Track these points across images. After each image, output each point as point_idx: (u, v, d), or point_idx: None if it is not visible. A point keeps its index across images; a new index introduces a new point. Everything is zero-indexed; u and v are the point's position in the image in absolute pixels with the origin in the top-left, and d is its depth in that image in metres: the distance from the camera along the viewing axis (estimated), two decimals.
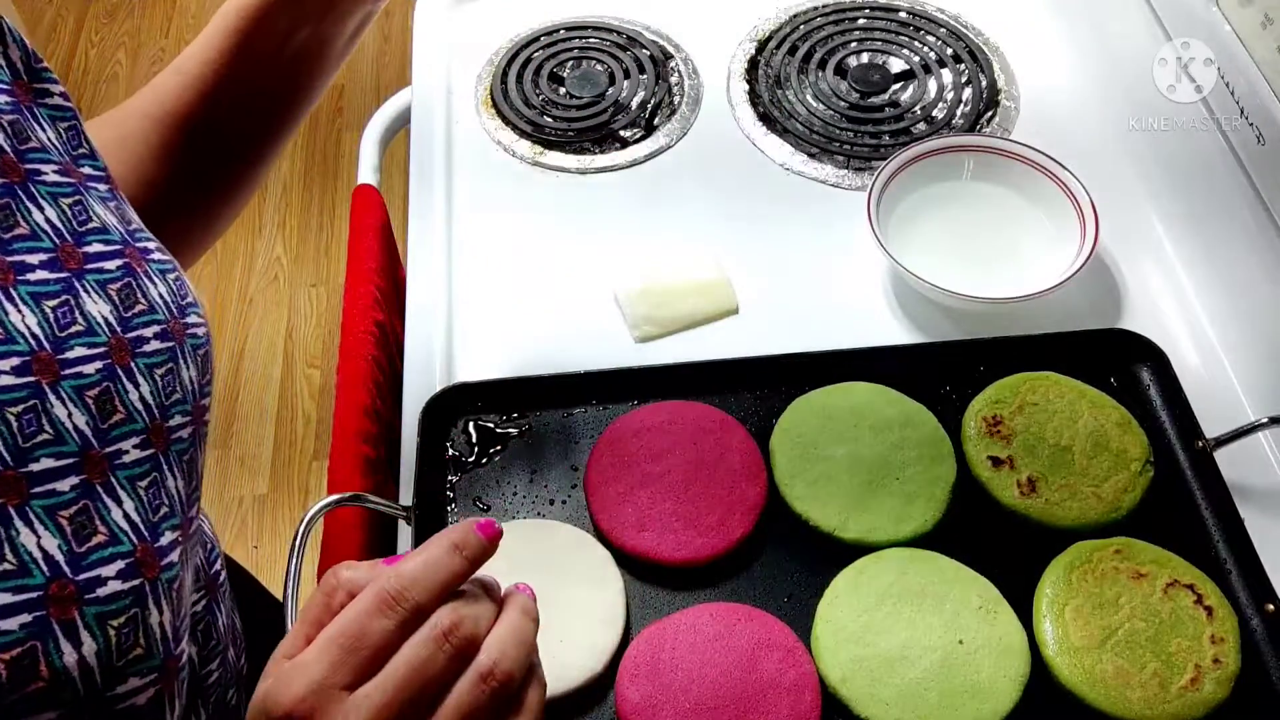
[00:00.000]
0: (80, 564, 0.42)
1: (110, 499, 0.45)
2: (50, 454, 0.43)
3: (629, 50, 1.14)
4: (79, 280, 0.49)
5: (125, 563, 0.44)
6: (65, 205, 0.50)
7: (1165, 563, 0.74)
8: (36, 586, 0.41)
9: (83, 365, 0.46)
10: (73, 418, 0.45)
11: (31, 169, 0.50)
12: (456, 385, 0.85)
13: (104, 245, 0.51)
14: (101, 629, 0.42)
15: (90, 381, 0.46)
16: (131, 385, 0.48)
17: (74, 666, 0.41)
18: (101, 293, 0.49)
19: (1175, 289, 0.94)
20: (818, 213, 1.01)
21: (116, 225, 0.53)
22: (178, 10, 2.71)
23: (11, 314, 0.45)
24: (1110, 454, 0.79)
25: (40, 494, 0.42)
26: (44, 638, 0.40)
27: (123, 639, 0.43)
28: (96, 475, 0.45)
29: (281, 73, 0.71)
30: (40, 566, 0.41)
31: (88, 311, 0.48)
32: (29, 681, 0.39)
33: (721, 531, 0.76)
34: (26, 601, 0.40)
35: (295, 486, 1.94)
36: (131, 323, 0.50)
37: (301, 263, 2.23)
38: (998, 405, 0.82)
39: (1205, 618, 0.71)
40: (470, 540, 0.47)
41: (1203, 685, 0.69)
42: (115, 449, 0.46)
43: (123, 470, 0.46)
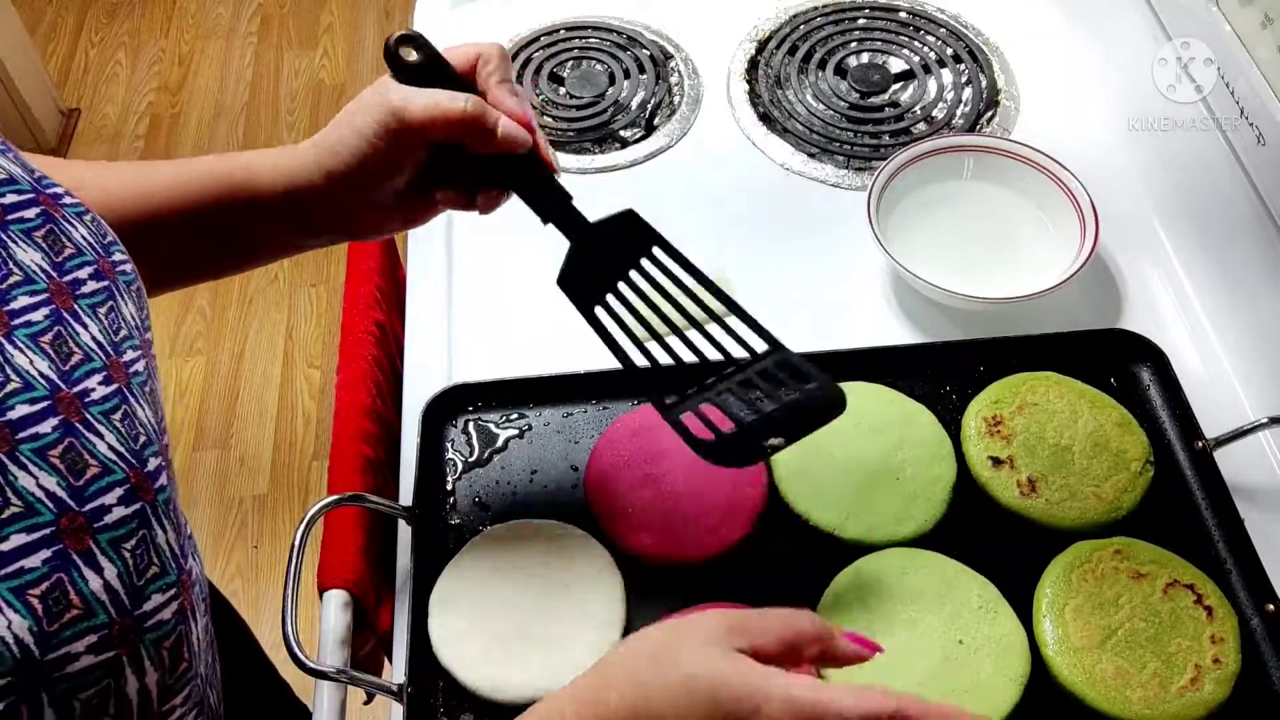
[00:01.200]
0: (83, 496, 0.44)
1: (92, 434, 0.46)
2: (23, 400, 0.44)
3: (629, 50, 1.14)
4: (4, 231, 0.49)
5: (123, 489, 0.46)
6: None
7: (1165, 563, 0.74)
8: (47, 523, 0.42)
9: (30, 313, 0.47)
10: (34, 364, 0.46)
11: None
12: (456, 385, 0.85)
13: (17, 195, 0.51)
14: (117, 553, 0.44)
15: (41, 328, 0.47)
16: (80, 327, 0.49)
17: (101, 590, 0.43)
18: (28, 240, 0.50)
19: (1175, 289, 0.94)
20: (818, 213, 1.01)
21: (23, 175, 0.53)
22: (178, 10, 2.71)
23: None
24: (1110, 454, 0.79)
25: (25, 438, 0.43)
26: (67, 569, 0.42)
27: (138, 560, 0.45)
28: (73, 414, 0.46)
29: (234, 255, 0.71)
30: (46, 504, 0.43)
31: (20, 261, 0.48)
32: (64, 611, 0.41)
33: (721, 531, 0.76)
34: (42, 538, 0.42)
35: (295, 486, 1.94)
36: (65, 266, 0.51)
37: (301, 263, 2.23)
38: (998, 405, 0.82)
39: (1205, 618, 0.71)
40: None
41: (1203, 685, 0.69)
42: (82, 388, 0.47)
43: (95, 406, 0.47)
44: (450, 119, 0.62)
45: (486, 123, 0.62)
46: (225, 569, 1.84)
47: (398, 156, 0.64)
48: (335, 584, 0.76)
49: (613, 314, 0.65)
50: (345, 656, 0.74)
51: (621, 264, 0.66)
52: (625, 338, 0.64)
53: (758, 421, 0.62)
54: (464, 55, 0.65)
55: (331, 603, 0.76)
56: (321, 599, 0.77)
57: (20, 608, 0.40)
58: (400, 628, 0.76)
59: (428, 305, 0.95)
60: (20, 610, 0.40)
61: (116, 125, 2.47)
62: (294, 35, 2.65)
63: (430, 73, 0.63)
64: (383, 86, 0.64)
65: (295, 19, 2.68)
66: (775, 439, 0.62)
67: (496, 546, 0.76)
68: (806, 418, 0.62)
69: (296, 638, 0.68)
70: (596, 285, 0.65)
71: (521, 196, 0.66)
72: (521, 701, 0.70)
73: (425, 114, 0.62)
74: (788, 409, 0.62)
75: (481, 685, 0.71)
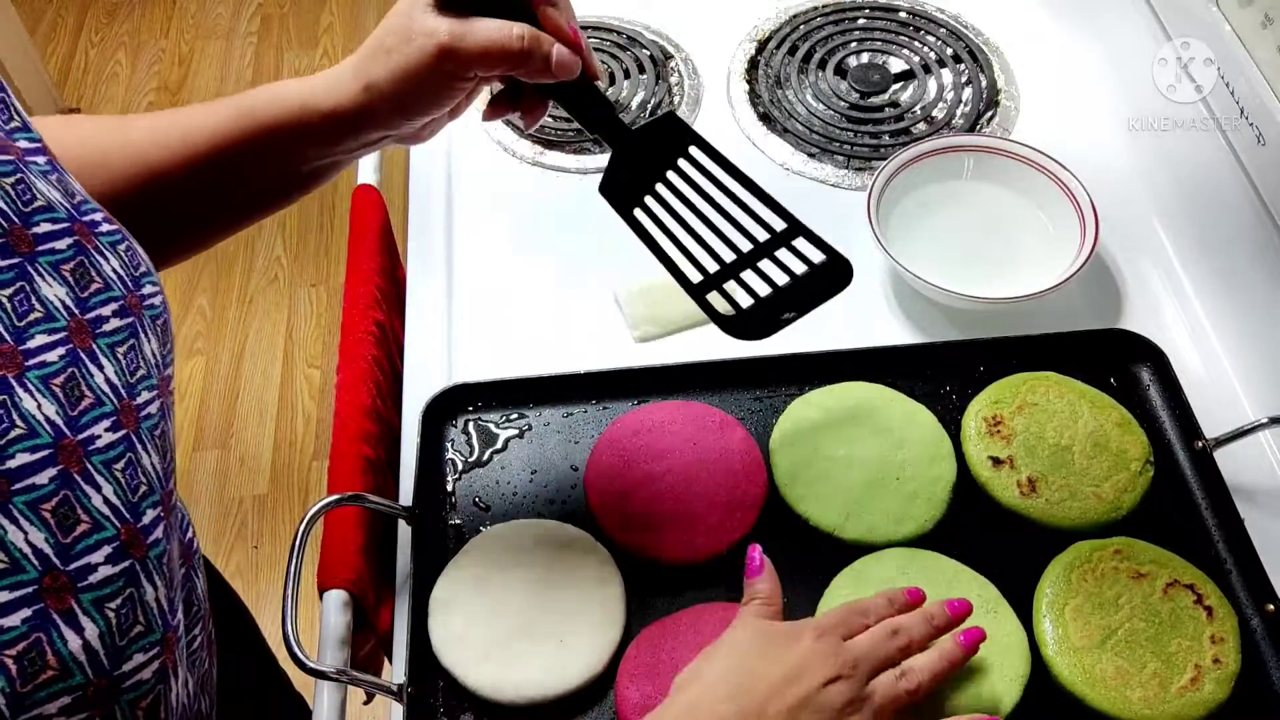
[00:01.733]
0: (69, 554, 0.43)
1: (89, 486, 0.45)
2: (25, 448, 0.43)
3: (629, 50, 1.14)
4: (31, 264, 0.47)
5: (112, 547, 0.44)
6: (7, 185, 0.49)
7: (1165, 563, 0.74)
8: (31, 581, 0.41)
9: (45, 353, 0.46)
10: (42, 409, 0.44)
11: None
12: (456, 385, 0.85)
13: (52, 224, 0.49)
14: (100, 612, 0.43)
15: (55, 369, 0.46)
16: (95, 368, 0.48)
17: (79, 651, 0.42)
18: (55, 274, 0.48)
19: (1175, 289, 0.94)
20: (818, 213, 1.01)
21: (61, 201, 0.51)
22: (178, 10, 2.71)
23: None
24: (1110, 454, 0.79)
25: (20, 489, 0.42)
26: (46, 628, 0.41)
27: (121, 619, 0.44)
28: (73, 464, 0.45)
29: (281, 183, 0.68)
30: (31, 561, 0.41)
31: (44, 296, 0.47)
32: (39, 672, 0.40)
33: (721, 531, 0.76)
34: (23, 597, 0.41)
35: (295, 486, 1.94)
36: (89, 303, 0.49)
37: (301, 263, 2.23)
38: (998, 405, 0.82)
39: (1205, 617, 0.71)
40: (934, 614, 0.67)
41: (1203, 685, 0.69)
42: (87, 435, 0.46)
43: (98, 455, 0.46)
44: (507, 54, 0.59)
45: (540, 54, 0.60)
46: (225, 569, 1.84)
47: (449, 86, 0.61)
48: (335, 584, 0.76)
49: (650, 213, 0.68)
50: (345, 656, 0.74)
51: (660, 166, 0.68)
52: (661, 234, 0.67)
53: (772, 295, 0.68)
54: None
55: (331, 603, 0.76)
56: (321, 599, 0.77)
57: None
58: (400, 628, 0.76)
59: (428, 305, 0.95)
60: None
61: None
62: (294, 35, 2.65)
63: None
64: (423, 17, 0.59)
65: (295, 19, 2.68)
66: (789, 312, 0.68)
67: (496, 546, 0.76)
68: (816, 290, 0.69)
69: (296, 638, 0.68)
70: (636, 189, 0.67)
71: (565, 106, 0.66)
72: (521, 702, 0.70)
73: (479, 50, 0.59)
74: (799, 282, 0.68)
75: (481, 685, 0.71)
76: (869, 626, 0.65)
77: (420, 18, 0.59)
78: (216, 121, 0.64)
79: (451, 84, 0.61)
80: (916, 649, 0.65)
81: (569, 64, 0.61)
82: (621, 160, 0.67)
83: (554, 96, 0.65)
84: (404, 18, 0.60)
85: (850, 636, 0.64)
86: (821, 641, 0.62)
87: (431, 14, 0.59)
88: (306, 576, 0.71)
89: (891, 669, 0.63)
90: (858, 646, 0.63)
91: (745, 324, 0.68)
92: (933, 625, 0.66)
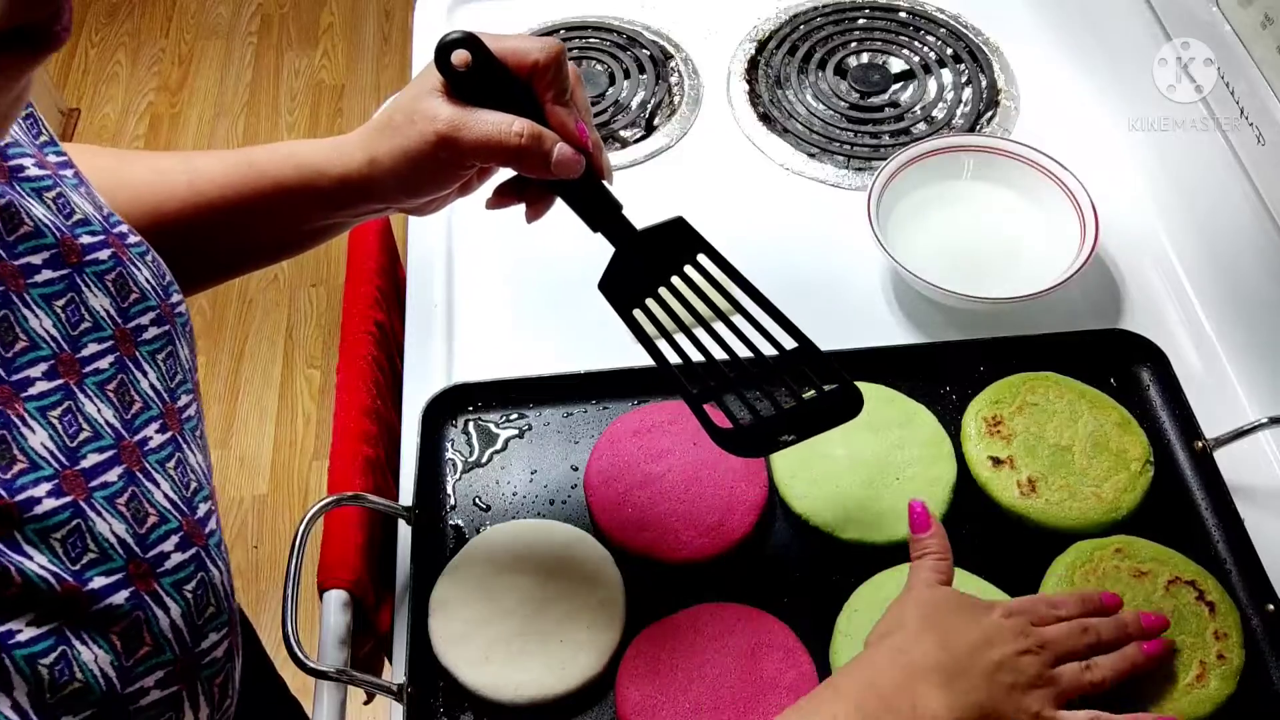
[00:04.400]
0: (145, 543, 0.46)
1: (149, 482, 0.48)
2: (93, 449, 0.46)
3: (629, 50, 1.14)
4: (80, 275, 0.50)
5: (178, 537, 0.48)
6: (50, 199, 0.51)
7: (1166, 560, 0.74)
8: (120, 568, 0.45)
9: (98, 361, 0.49)
10: (102, 413, 0.48)
11: (14, 165, 0.50)
12: (456, 385, 0.85)
13: (91, 236, 0.52)
14: (179, 594, 0.47)
15: (108, 375, 0.49)
16: (140, 374, 0.51)
17: (168, 630, 0.45)
18: (100, 285, 0.51)
19: (1175, 289, 0.94)
20: (818, 213, 1.01)
21: (94, 213, 0.53)
22: (178, 10, 2.71)
23: (31, 320, 0.47)
24: (1110, 454, 0.79)
25: (97, 486, 0.46)
26: (144, 607, 0.45)
27: (197, 600, 0.47)
28: (134, 463, 0.48)
29: (282, 240, 0.69)
30: (117, 550, 0.45)
31: (92, 307, 0.50)
32: (138, 648, 0.44)
33: (721, 531, 0.76)
34: (118, 581, 0.44)
35: (295, 486, 1.94)
36: (129, 312, 0.52)
37: (301, 263, 2.23)
38: (998, 405, 0.82)
39: (1208, 614, 0.71)
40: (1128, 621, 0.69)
41: (1209, 681, 0.69)
42: (141, 436, 0.49)
43: (152, 455, 0.49)
44: (504, 149, 0.59)
45: (540, 153, 0.59)
46: None
47: (447, 173, 0.62)
48: (335, 584, 0.76)
49: (650, 316, 0.65)
50: (345, 656, 0.74)
51: (664, 270, 0.65)
52: (660, 337, 0.65)
53: (775, 416, 0.65)
54: (518, 57, 0.60)
55: (331, 603, 0.76)
56: (321, 599, 0.77)
57: (104, 644, 0.42)
58: (400, 628, 0.76)
59: (428, 305, 0.95)
60: (104, 646, 0.42)
61: (116, 125, 2.47)
62: (294, 35, 2.65)
63: (482, 80, 0.59)
64: (429, 101, 0.59)
65: (295, 19, 2.68)
66: (789, 435, 0.66)
67: (496, 546, 0.76)
68: (821, 417, 0.66)
69: (296, 638, 0.68)
70: (637, 289, 0.65)
71: (569, 204, 0.64)
72: (521, 702, 0.70)
73: (476, 143, 0.58)
74: (805, 407, 0.65)
75: (481, 685, 0.71)
76: (1059, 619, 0.66)
77: (426, 102, 0.59)
78: (225, 171, 0.65)
79: (450, 170, 0.62)
80: (1103, 650, 0.66)
81: (569, 164, 0.60)
82: (624, 259, 0.65)
83: (558, 193, 0.64)
84: (411, 99, 0.61)
85: (1038, 624, 0.65)
86: (1012, 620, 0.64)
87: (437, 99, 0.59)
88: (306, 576, 0.71)
89: (1076, 661, 0.65)
90: (1048, 633, 0.65)
91: (741, 440, 0.66)
92: (1125, 632, 0.67)
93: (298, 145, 0.65)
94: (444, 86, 0.59)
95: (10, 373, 0.45)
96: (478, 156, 0.59)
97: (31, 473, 0.43)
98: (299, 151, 0.65)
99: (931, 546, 0.69)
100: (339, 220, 0.68)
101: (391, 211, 0.68)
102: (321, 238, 0.70)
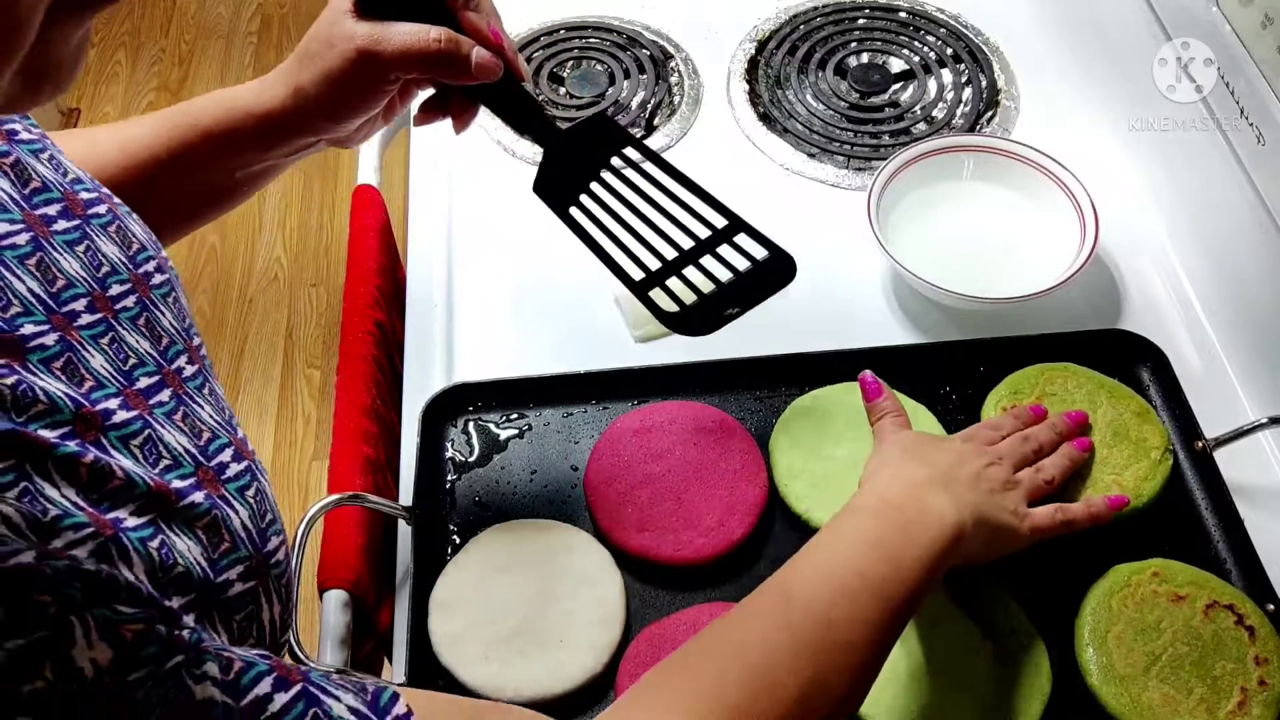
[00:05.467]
0: (206, 453, 0.50)
1: (194, 404, 0.52)
2: (143, 373, 0.51)
3: (629, 50, 1.14)
4: (87, 225, 0.54)
5: (230, 450, 0.52)
6: (45, 159, 0.55)
7: (1203, 584, 0.73)
8: (191, 474, 0.48)
9: (124, 300, 0.53)
10: (141, 344, 0.52)
11: (9, 129, 0.53)
12: (456, 385, 0.85)
13: (88, 193, 0.56)
14: (243, 499, 0.50)
15: (135, 313, 0.53)
16: (160, 314, 0.56)
17: (240, 529, 0.49)
18: (106, 235, 0.55)
19: (1175, 289, 0.94)
20: (818, 213, 1.01)
21: (82, 174, 0.57)
22: (178, 10, 2.71)
23: (62, 263, 0.51)
24: (1130, 443, 0.79)
25: (155, 405, 0.50)
26: (218, 507, 0.48)
27: (258, 505, 0.51)
28: (178, 387, 0.52)
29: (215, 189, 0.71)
30: (186, 458, 0.49)
31: (106, 254, 0.54)
32: (220, 543, 0.47)
33: (721, 531, 0.76)
34: (192, 484, 0.48)
35: (295, 486, 1.94)
36: (136, 260, 0.56)
37: (301, 263, 2.22)
38: (1017, 395, 0.81)
39: (1247, 638, 0.70)
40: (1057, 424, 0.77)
41: (1250, 709, 0.67)
42: (176, 366, 0.54)
43: (189, 382, 0.54)
44: (424, 56, 0.60)
45: (459, 57, 0.61)
46: None
47: (372, 90, 0.63)
48: (335, 584, 0.76)
49: (587, 212, 0.67)
50: (345, 656, 0.74)
51: (594, 166, 0.67)
52: (599, 232, 0.67)
53: (716, 292, 0.68)
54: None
55: (331, 603, 0.76)
56: (321, 599, 0.77)
57: (193, 537, 0.46)
58: (400, 628, 0.76)
59: (428, 305, 0.95)
60: (194, 539, 0.46)
61: None
62: (294, 35, 2.64)
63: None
64: (344, 23, 0.61)
65: (295, 19, 2.68)
66: (733, 308, 0.68)
67: (496, 546, 0.76)
68: (759, 285, 0.69)
69: (296, 638, 0.68)
70: (570, 188, 0.67)
71: (493, 109, 0.65)
72: (521, 702, 0.70)
73: (396, 54, 0.60)
74: (743, 278, 0.68)
75: (482, 685, 0.71)
76: (1003, 438, 0.74)
77: (340, 23, 0.61)
78: (153, 131, 0.68)
79: (374, 87, 0.63)
80: (1047, 452, 0.75)
81: (489, 66, 0.62)
82: (554, 160, 0.67)
83: (481, 99, 0.65)
84: (326, 25, 0.62)
85: (987, 445, 0.73)
86: (969, 443, 0.72)
87: (350, 19, 0.61)
88: (306, 576, 0.71)
89: (1028, 466, 0.73)
90: (1001, 447, 0.73)
91: (689, 320, 0.68)
92: (1057, 431, 0.76)
93: (222, 91, 0.68)
94: (354, 6, 0.61)
95: (60, 305, 0.49)
96: (399, 67, 0.61)
97: (100, 389, 0.47)
98: (222, 95, 0.67)
99: (887, 407, 0.74)
100: (272, 161, 0.69)
101: (322, 146, 0.69)
102: (260, 182, 0.72)
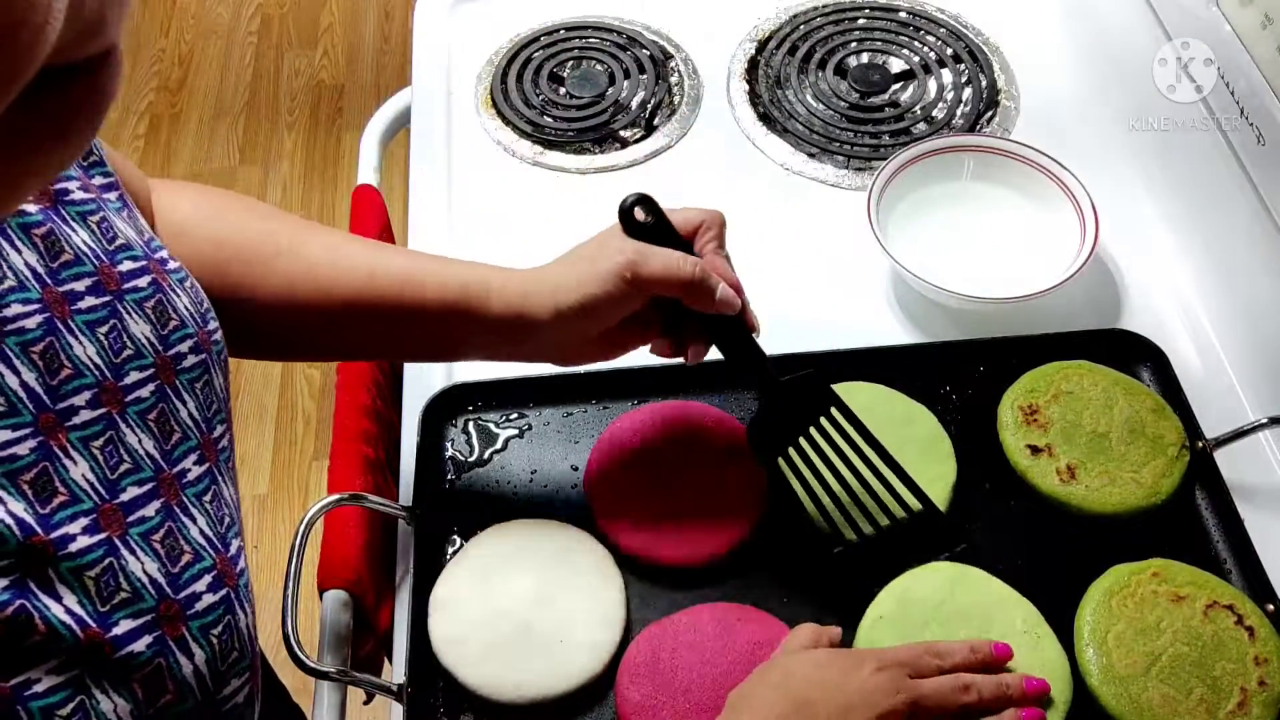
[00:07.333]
0: (178, 583, 0.47)
1: (186, 517, 0.48)
2: (133, 481, 0.47)
3: (629, 50, 1.14)
4: (120, 302, 0.50)
5: (211, 576, 0.48)
6: (94, 223, 0.51)
7: (1203, 584, 0.72)
8: (150, 609, 0.45)
9: (140, 389, 0.49)
10: (143, 444, 0.48)
11: (59, 188, 0.50)
12: (456, 385, 0.85)
13: (132, 262, 0.52)
14: (205, 639, 0.47)
15: (149, 405, 0.49)
16: (180, 404, 0.51)
17: (191, 676, 0.46)
18: (140, 312, 0.51)
19: (1175, 289, 0.94)
20: (818, 213, 1.01)
21: (135, 238, 0.54)
22: (178, 10, 2.71)
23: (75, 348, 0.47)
24: (1147, 439, 0.79)
25: (134, 522, 0.46)
26: (166, 654, 0.45)
27: (223, 645, 0.48)
28: (172, 497, 0.48)
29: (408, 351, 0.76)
30: (149, 590, 0.45)
31: (133, 335, 0.50)
32: (160, 695, 0.44)
33: (721, 531, 0.76)
34: (146, 624, 0.44)
35: (295, 486, 1.94)
36: (169, 340, 0.52)
37: None
38: (1033, 394, 0.81)
39: (1247, 638, 0.70)
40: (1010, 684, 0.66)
41: (1250, 709, 0.67)
42: (180, 469, 0.50)
43: (190, 488, 0.50)
44: (680, 280, 0.66)
45: (708, 286, 0.67)
46: None
47: (622, 303, 0.68)
48: (335, 584, 0.76)
49: (791, 465, 0.74)
50: (345, 656, 0.74)
51: (803, 420, 0.74)
52: (801, 488, 0.74)
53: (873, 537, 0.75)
54: (687, 219, 0.70)
55: (331, 603, 0.76)
56: (321, 599, 0.77)
57: (125, 693, 0.43)
58: (400, 628, 0.76)
59: None
60: (125, 695, 0.43)
61: (116, 125, 2.47)
62: (294, 35, 2.65)
63: (657, 232, 0.69)
64: (620, 238, 0.68)
65: (295, 19, 2.68)
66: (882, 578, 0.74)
67: (496, 546, 0.76)
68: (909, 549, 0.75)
69: (296, 638, 0.68)
70: (779, 439, 0.74)
71: (722, 350, 0.72)
72: (521, 702, 0.70)
73: (660, 273, 0.66)
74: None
75: (481, 685, 0.71)
76: (941, 670, 0.64)
77: (613, 239, 0.69)
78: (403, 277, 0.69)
79: (626, 302, 0.68)
80: (978, 713, 0.64)
81: (732, 300, 0.69)
82: (769, 410, 0.73)
83: (714, 338, 0.71)
84: (599, 238, 0.70)
85: (919, 676, 0.63)
86: (883, 674, 0.62)
87: (621, 237, 0.68)
88: (306, 576, 0.71)
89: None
90: (925, 687, 0.62)
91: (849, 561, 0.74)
92: (1005, 694, 0.65)
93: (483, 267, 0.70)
94: (624, 232, 0.68)
95: (55, 401, 0.45)
96: (656, 285, 0.67)
97: (70, 506, 0.43)
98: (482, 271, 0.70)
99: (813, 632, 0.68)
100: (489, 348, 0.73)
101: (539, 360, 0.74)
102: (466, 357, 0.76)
